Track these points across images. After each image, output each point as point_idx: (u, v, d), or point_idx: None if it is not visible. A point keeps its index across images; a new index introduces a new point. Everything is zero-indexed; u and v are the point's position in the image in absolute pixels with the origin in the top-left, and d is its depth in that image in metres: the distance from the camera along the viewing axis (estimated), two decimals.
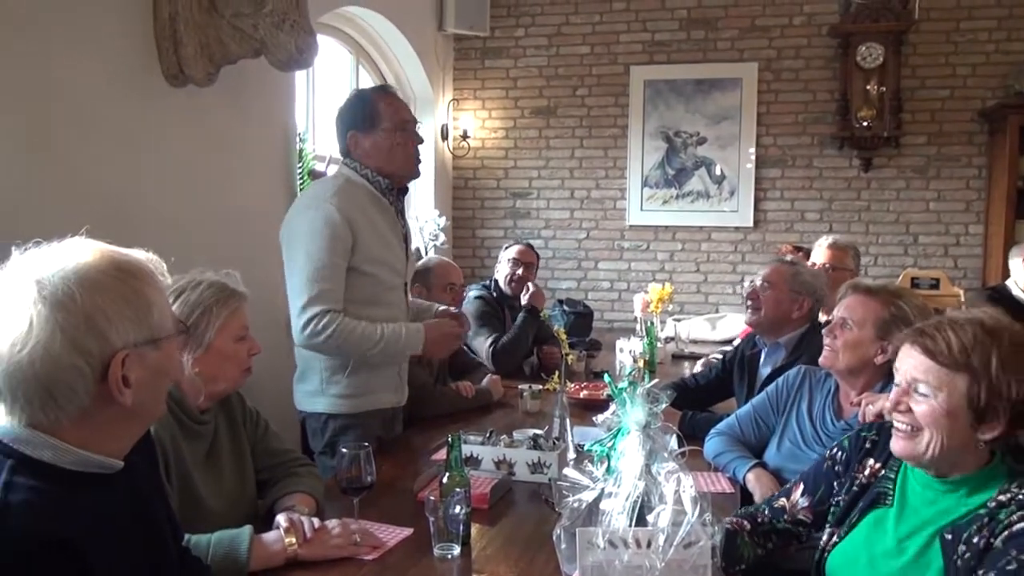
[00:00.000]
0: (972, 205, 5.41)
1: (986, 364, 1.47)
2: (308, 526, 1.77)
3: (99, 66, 2.59)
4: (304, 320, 2.41)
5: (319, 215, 2.44)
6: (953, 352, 1.49)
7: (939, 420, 1.49)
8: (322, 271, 2.42)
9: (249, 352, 1.98)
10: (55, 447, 1.11)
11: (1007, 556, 1.38)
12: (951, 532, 1.49)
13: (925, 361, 1.52)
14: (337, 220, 2.43)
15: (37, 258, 1.11)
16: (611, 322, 5.82)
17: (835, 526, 1.76)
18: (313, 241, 2.43)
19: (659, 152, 5.76)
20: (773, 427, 2.44)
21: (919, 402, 1.53)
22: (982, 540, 1.43)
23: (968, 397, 1.47)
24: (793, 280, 2.95)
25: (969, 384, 1.47)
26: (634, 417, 1.41)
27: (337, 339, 2.40)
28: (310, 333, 2.40)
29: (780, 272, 2.99)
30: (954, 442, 1.50)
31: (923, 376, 1.52)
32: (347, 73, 5.10)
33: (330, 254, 2.43)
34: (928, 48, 5.35)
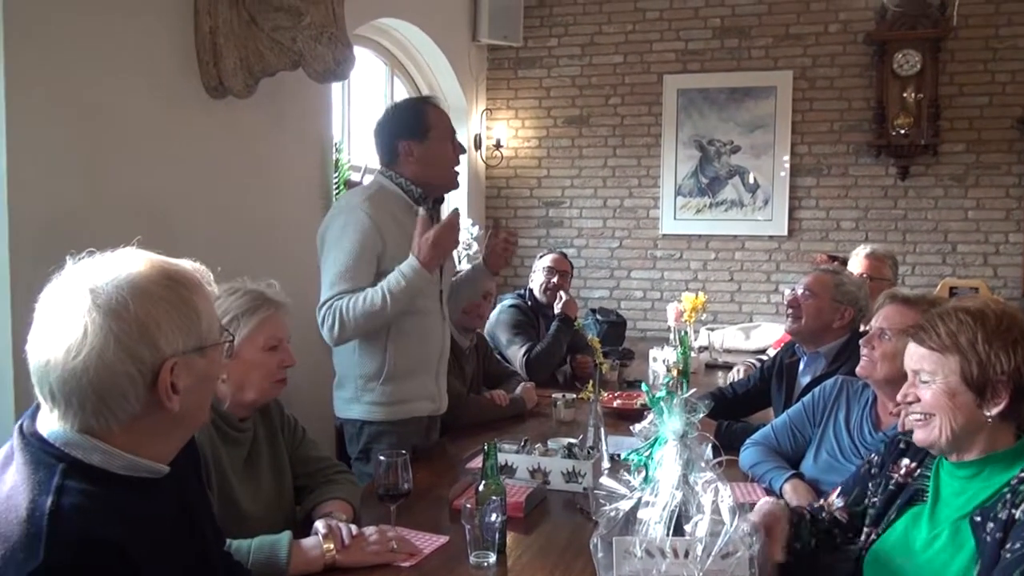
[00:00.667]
0: (1012, 213, 5.33)
1: (972, 342, 1.56)
2: (346, 532, 1.79)
3: (142, 80, 2.65)
4: (319, 320, 2.47)
5: (349, 220, 2.49)
6: (941, 337, 1.59)
7: (943, 402, 1.57)
8: (344, 274, 2.46)
9: (280, 364, 1.98)
10: (105, 451, 1.13)
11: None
12: (979, 514, 1.55)
13: (919, 350, 1.63)
14: (367, 225, 2.47)
15: (91, 268, 1.14)
16: (644, 331, 5.80)
17: (872, 525, 1.77)
18: (341, 246, 2.48)
19: (692, 161, 5.75)
20: (810, 438, 2.42)
21: (923, 389, 1.62)
22: (1006, 513, 1.49)
23: (963, 376, 1.56)
24: (836, 289, 2.91)
25: (961, 363, 1.56)
26: (671, 427, 1.41)
27: (346, 318, 2.41)
28: (327, 329, 2.45)
29: (823, 281, 2.95)
30: (963, 420, 1.57)
31: (921, 365, 1.62)
32: (382, 84, 5.16)
33: (356, 259, 2.46)
34: (966, 55, 5.29)
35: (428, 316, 2.62)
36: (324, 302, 2.46)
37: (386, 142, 2.64)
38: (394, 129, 2.63)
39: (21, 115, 2.20)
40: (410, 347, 2.58)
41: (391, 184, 2.62)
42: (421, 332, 2.60)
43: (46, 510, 1.05)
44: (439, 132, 2.62)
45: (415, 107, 2.68)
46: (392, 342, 2.54)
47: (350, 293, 2.44)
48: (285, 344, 2.01)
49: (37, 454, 1.12)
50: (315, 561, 1.73)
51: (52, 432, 1.14)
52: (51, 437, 1.13)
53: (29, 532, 1.03)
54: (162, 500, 1.22)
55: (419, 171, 2.61)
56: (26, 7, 2.21)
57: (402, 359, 2.56)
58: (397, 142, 2.61)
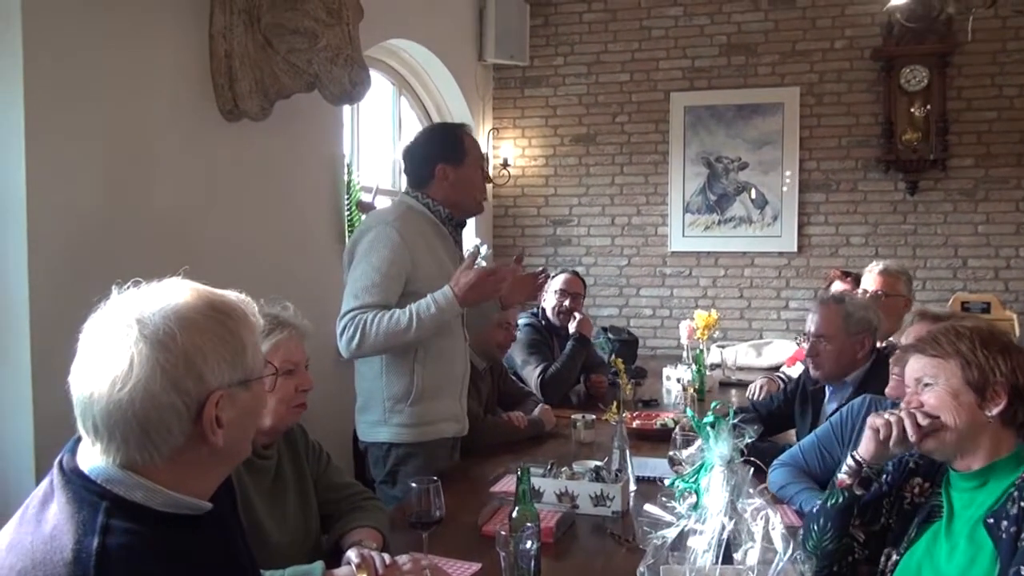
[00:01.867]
0: (1022, 227, 5.32)
1: (971, 348, 1.66)
2: (379, 561, 1.76)
3: (160, 103, 2.65)
4: (339, 330, 2.45)
5: (380, 235, 2.50)
6: (942, 345, 1.69)
7: (947, 402, 1.65)
8: (371, 288, 2.45)
9: (298, 388, 1.95)
10: (147, 488, 1.10)
11: None
12: (992, 517, 1.61)
13: (920, 360, 1.72)
14: (397, 241, 2.48)
15: (137, 297, 1.11)
16: (654, 349, 5.78)
17: (892, 546, 1.77)
18: (369, 260, 2.48)
19: (700, 178, 5.74)
20: (839, 459, 2.38)
21: (926, 394, 1.69)
22: (1016, 509, 1.56)
23: (965, 377, 1.65)
24: (848, 323, 2.85)
25: (962, 366, 1.65)
26: (718, 452, 1.38)
27: (368, 333, 2.40)
28: (346, 340, 2.43)
29: (832, 320, 2.86)
30: (966, 419, 1.64)
31: (923, 372, 1.71)
32: (388, 104, 5.16)
33: (383, 275, 2.45)
34: (973, 69, 5.30)
35: (452, 337, 2.62)
36: (347, 312, 2.44)
37: (422, 164, 2.66)
38: (432, 152, 2.65)
39: (42, 136, 2.20)
40: (437, 368, 2.58)
41: (419, 205, 2.64)
42: (447, 353, 2.59)
43: (93, 551, 1.02)
44: (473, 158, 2.67)
45: (454, 132, 2.71)
46: (419, 363, 2.53)
47: (375, 308, 2.43)
48: (302, 368, 1.97)
49: (79, 492, 1.09)
50: None
51: (93, 468, 1.11)
52: (92, 473, 1.10)
53: (76, 574, 1.00)
54: (204, 536, 1.19)
55: (451, 194, 2.63)
56: (48, 32, 2.22)
57: (430, 380, 2.55)
58: (435, 165, 2.62)
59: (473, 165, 2.67)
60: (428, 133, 2.79)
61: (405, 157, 2.73)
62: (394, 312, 2.43)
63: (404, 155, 2.73)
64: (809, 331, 2.91)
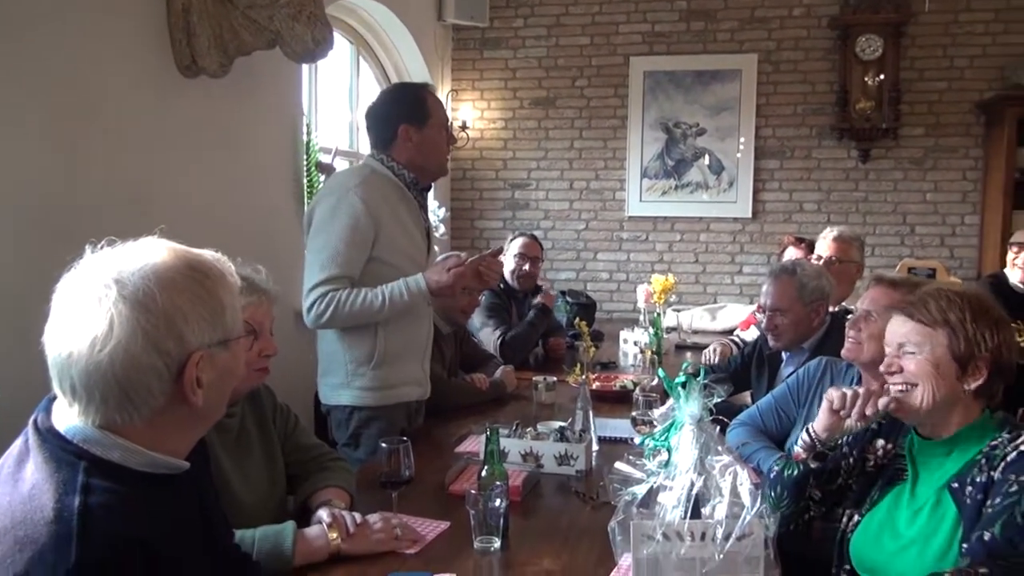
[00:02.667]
0: (968, 196, 5.47)
1: (961, 320, 1.66)
2: (350, 521, 1.77)
3: (112, 57, 2.57)
4: (309, 302, 2.44)
5: (342, 204, 2.46)
6: (932, 312, 1.68)
7: (928, 372, 1.66)
8: (336, 258, 2.43)
9: (261, 352, 1.93)
10: (125, 448, 1.10)
11: (1007, 482, 1.55)
12: (957, 482, 1.64)
13: (909, 323, 1.71)
14: (360, 210, 2.44)
15: (113, 257, 1.10)
16: (611, 312, 5.84)
17: (854, 507, 1.82)
18: (332, 228, 2.44)
19: (658, 143, 5.78)
20: (795, 418, 2.46)
21: (907, 360, 1.70)
22: (983, 476, 1.60)
23: (950, 349, 1.66)
24: (802, 294, 2.90)
25: (949, 338, 1.66)
26: (688, 411, 1.42)
27: (340, 313, 2.41)
28: (315, 314, 2.43)
29: (787, 293, 2.91)
30: (944, 392, 1.66)
31: (908, 338, 1.70)
32: (346, 64, 5.08)
33: (347, 244, 2.43)
34: (926, 40, 5.39)
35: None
36: (316, 286, 2.42)
37: (384, 125, 2.60)
38: (394, 113, 2.60)
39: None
40: (400, 332, 2.57)
41: (383, 168, 2.59)
42: (410, 317, 2.58)
43: (75, 510, 1.01)
44: (437, 119, 2.62)
45: (417, 93, 2.65)
46: (382, 327, 2.52)
47: (342, 280, 2.42)
48: (267, 333, 1.96)
49: (56, 451, 1.08)
50: (320, 551, 1.71)
51: (70, 428, 1.10)
52: (69, 433, 1.09)
53: (59, 533, 1.00)
54: (181, 496, 1.19)
55: (414, 156, 2.59)
56: None
57: (392, 344, 2.54)
58: (397, 126, 2.57)
59: (437, 126, 2.62)
60: (391, 93, 2.74)
61: (368, 117, 2.68)
62: (366, 294, 2.42)
63: (367, 115, 2.69)
64: (765, 304, 2.97)
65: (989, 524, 1.53)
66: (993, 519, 1.53)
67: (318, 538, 1.72)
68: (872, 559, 1.74)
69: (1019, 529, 1.50)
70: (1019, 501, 1.52)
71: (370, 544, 1.75)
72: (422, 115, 2.58)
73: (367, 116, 2.67)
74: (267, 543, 1.66)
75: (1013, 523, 1.50)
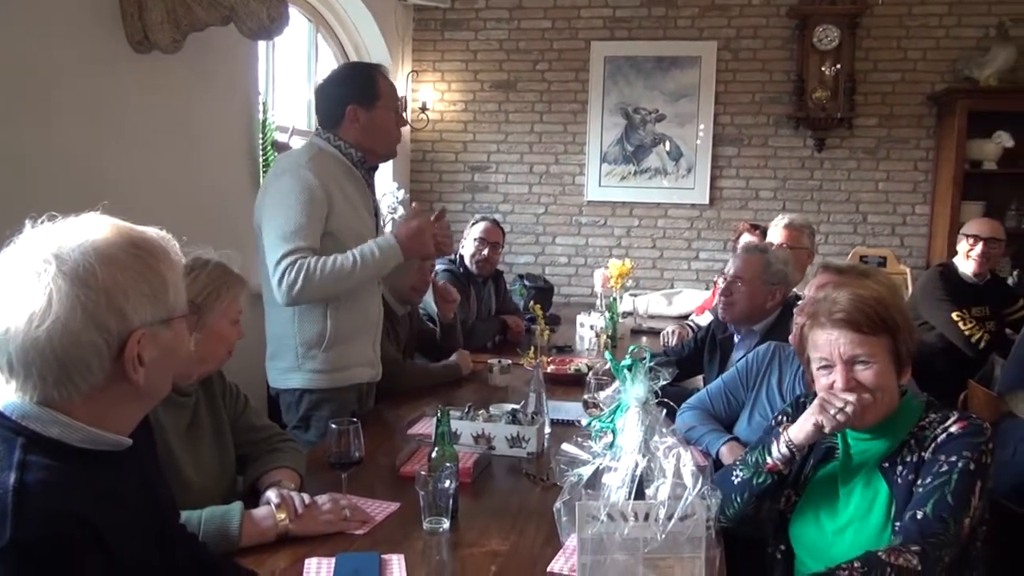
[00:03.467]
0: (919, 186, 5.57)
1: (896, 321, 1.72)
2: (299, 502, 1.77)
3: (62, 32, 2.51)
4: (278, 275, 2.36)
5: (295, 180, 2.42)
6: (873, 320, 1.70)
7: (882, 379, 1.69)
8: (300, 231, 2.38)
9: (239, 336, 1.97)
10: (64, 424, 1.09)
11: (938, 462, 1.62)
12: (887, 462, 1.71)
13: (854, 335, 1.70)
14: (314, 183, 2.42)
15: (53, 233, 1.08)
16: (568, 296, 5.87)
17: (791, 487, 1.85)
18: (289, 203, 2.40)
19: (618, 128, 5.80)
20: (743, 402, 2.51)
21: (863, 373, 1.69)
22: (914, 456, 1.66)
23: (894, 352, 1.71)
24: (766, 271, 2.97)
25: (892, 342, 1.71)
26: (634, 393, 1.44)
27: (313, 278, 2.34)
28: (287, 285, 2.34)
29: (752, 265, 2.99)
30: (892, 394, 1.72)
31: (857, 350, 1.70)
32: (304, 42, 5.01)
33: (308, 216, 2.40)
34: (881, 32, 5.47)
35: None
36: (282, 258, 2.35)
37: (332, 104, 2.57)
38: (343, 92, 2.56)
39: None
40: (351, 313, 2.55)
41: (330, 147, 2.56)
42: (361, 298, 2.57)
43: (10, 487, 1.00)
44: (386, 102, 2.58)
45: (367, 73, 2.61)
46: (333, 308, 2.50)
47: (306, 251, 2.37)
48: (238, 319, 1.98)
49: None
50: (268, 531, 1.70)
51: (8, 404, 1.08)
52: (6, 409, 1.08)
53: None
54: (123, 473, 1.18)
55: (362, 138, 2.56)
56: None
57: (343, 325, 2.53)
58: (346, 106, 2.54)
59: (386, 108, 2.59)
60: (341, 72, 2.69)
61: (316, 95, 2.65)
62: (336, 257, 2.38)
63: (316, 93, 2.66)
64: (728, 273, 3.02)
65: (921, 504, 1.58)
66: (925, 499, 1.58)
67: (265, 519, 1.72)
68: (812, 540, 1.78)
69: (950, 508, 1.55)
70: (949, 481, 1.57)
71: (318, 525, 1.75)
72: (371, 96, 2.55)
73: (316, 94, 2.65)
74: (214, 524, 1.66)
75: (944, 502, 1.56)
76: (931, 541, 1.52)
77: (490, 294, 4.40)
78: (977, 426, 1.66)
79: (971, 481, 1.58)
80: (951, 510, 1.55)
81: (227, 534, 1.66)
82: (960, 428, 1.65)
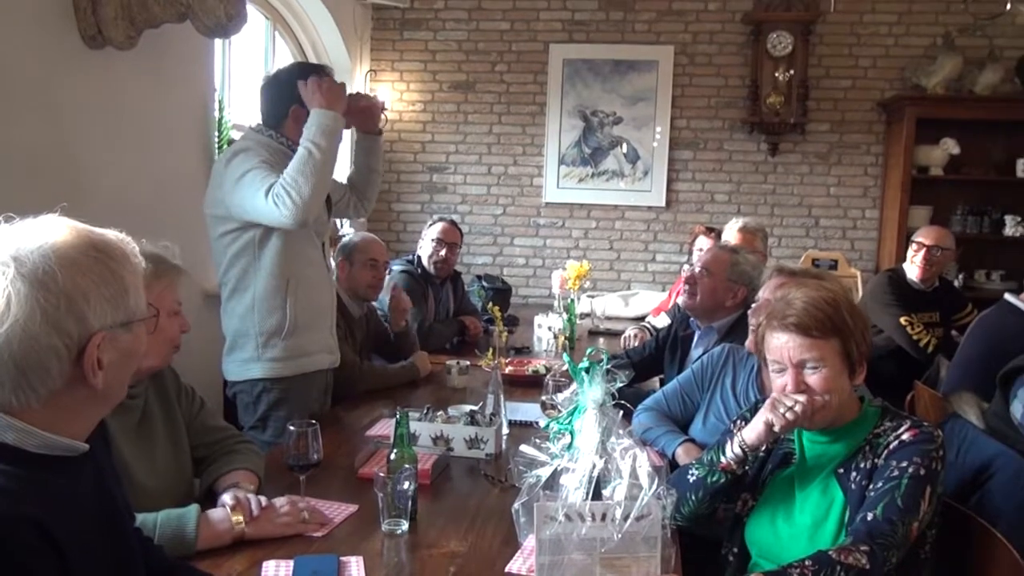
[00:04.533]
0: (869, 191, 5.70)
1: (845, 322, 1.73)
2: (255, 504, 1.76)
3: (10, 25, 2.46)
4: (272, 205, 2.37)
5: (248, 154, 2.47)
6: (823, 324, 1.72)
7: (832, 383, 1.72)
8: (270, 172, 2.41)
9: (180, 329, 1.93)
10: (20, 429, 1.07)
11: (889, 467, 1.66)
12: (842, 467, 1.74)
13: (804, 340, 1.72)
14: (265, 155, 2.47)
15: (10, 234, 1.06)
16: (526, 297, 5.89)
17: (748, 491, 1.89)
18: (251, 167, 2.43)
19: (576, 131, 5.84)
20: (698, 403, 2.54)
21: (813, 377, 1.72)
22: (867, 463, 1.70)
23: (844, 354, 1.73)
24: (731, 269, 3.03)
25: (842, 344, 1.73)
26: (592, 396, 1.46)
27: (297, 183, 2.35)
28: (284, 203, 2.35)
29: (719, 260, 3.06)
30: (843, 396, 1.75)
31: (806, 354, 1.72)
32: (261, 39, 4.97)
33: (270, 165, 2.43)
34: (833, 39, 5.58)
35: (317, 267, 2.65)
36: (267, 192, 2.37)
37: (275, 103, 2.60)
38: (287, 92, 2.58)
39: None
40: (308, 299, 2.59)
41: (273, 142, 2.58)
42: (316, 284, 2.63)
43: None
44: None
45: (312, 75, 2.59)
46: (292, 295, 2.54)
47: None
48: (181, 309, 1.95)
49: None
50: (224, 535, 1.69)
51: None
52: None
53: None
54: (79, 478, 1.17)
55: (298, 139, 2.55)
56: None
57: (303, 312, 2.57)
58: (289, 106, 2.56)
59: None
60: (287, 71, 2.67)
61: (261, 92, 2.65)
62: (297, 155, 2.40)
63: (261, 90, 2.65)
64: (695, 265, 3.08)
65: (871, 506, 1.62)
66: (876, 501, 1.62)
67: (222, 522, 1.71)
68: (767, 543, 1.81)
69: (898, 511, 1.59)
70: (899, 485, 1.62)
71: (276, 528, 1.75)
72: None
73: (261, 91, 2.65)
74: (169, 527, 1.64)
75: (893, 505, 1.60)
76: (879, 542, 1.56)
77: (448, 295, 4.40)
78: (928, 434, 1.70)
79: (920, 486, 1.62)
80: (900, 513, 1.59)
81: (183, 537, 1.64)
82: (911, 436, 1.69)
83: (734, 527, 1.90)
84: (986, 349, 3.10)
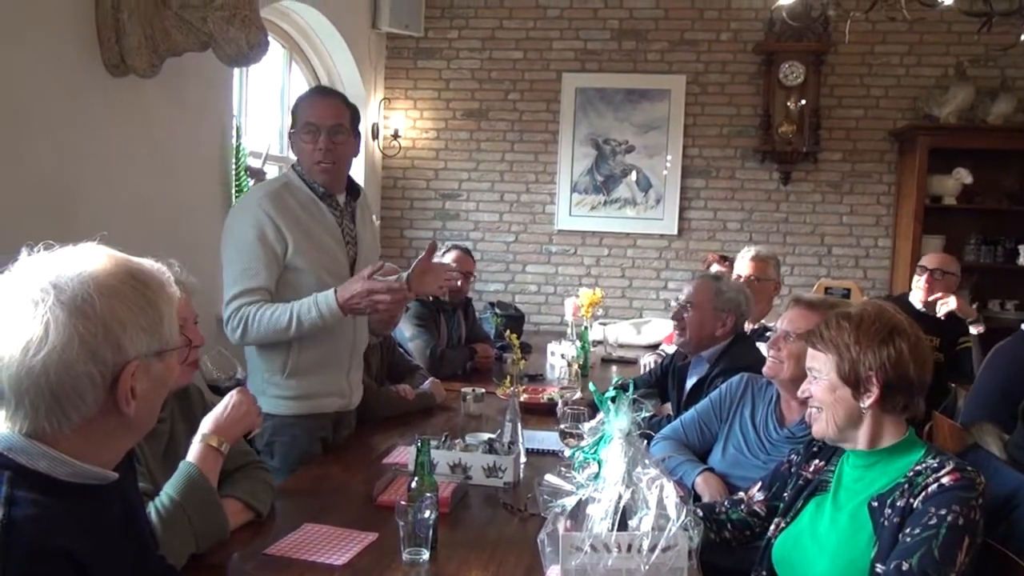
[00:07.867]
0: (882, 220, 5.70)
1: (846, 342, 1.76)
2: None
3: (37, 54, 2.50)
4: (226, 317, 2.43)
5: (248, 218, 2.44)
6: (824, 339, 1.80)
7: (826, 395, 1.77)
8: (247, 272, 2.41)
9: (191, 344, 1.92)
10: (52, 458, 1.07)
11: (927, 513, 1.61)
12: (877, 500, 1.71)
13: (811, 350, 1.83)
14: (265, 223, 2.42)
15: (50, 261, 1.07)
16: (537, 325, 5.89)
17: (781, 516, 1.90)
18: (238, 242, 2.43)
19: (588, 159, 5.87)
20: (716, 433, 2.53)
21: (814, 385, 1.81)
22: (903, 501, 1.66)
23: (839, 371, 1.76)
24: (716, 298, 3.00)
25: (837, 361, 1.76)
26: (618, 425, 1.46)
27: (252, 326, 2.39)
28: (231, 329, 2.43)
29: (703, 291, 3.03)
30: (842, 412, 1.76)
31: (813, 363, 1.82)
32: (279, 68, 5.02)
33: (256, 258, 2.41)
34: (845, 69, 5.61)
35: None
36: (229, 301, 2.41)
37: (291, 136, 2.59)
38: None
39: None
40: (316, 345, 2.52)
41: (297, 179, 2.55)
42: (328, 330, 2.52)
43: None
44: (299, 122, 2.51)
45: (298, 98, 2.58)
46: (297, 340, 2.48)
47: (258, 293, 2.40)
48: (192, 324, 1.94)
49: None
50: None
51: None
52: None
53: None
54: (108, 507, 1.17)
55: (303, 165, 2.54)
56: None
57: (306, 356, 2.51)
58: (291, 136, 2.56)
59: (299, 131, 2.50)
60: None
61: None
62: (275, 311, 2.39)
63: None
64: (679, 299, 3.07)
65: (908, 555, 1.58)
66: (912, 550, 1.58)
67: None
68: (791, 563, 1.81)
69: (935, 563, 1.55)
70: (937, 535, 1.58)
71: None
72: (294, 121, 2.54)
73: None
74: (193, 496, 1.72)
75: (930, 556, 1.56)
76: None
77: (459, 322, 4.40)
78: (970, 480, 1.65)
79: (959, 536, 1.58)
80: (936, 565, 1.55)
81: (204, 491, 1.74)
82: (952, 480, 1.64)
83: (764, 551, 1.90)
84: (1004, 379, 3.09)
